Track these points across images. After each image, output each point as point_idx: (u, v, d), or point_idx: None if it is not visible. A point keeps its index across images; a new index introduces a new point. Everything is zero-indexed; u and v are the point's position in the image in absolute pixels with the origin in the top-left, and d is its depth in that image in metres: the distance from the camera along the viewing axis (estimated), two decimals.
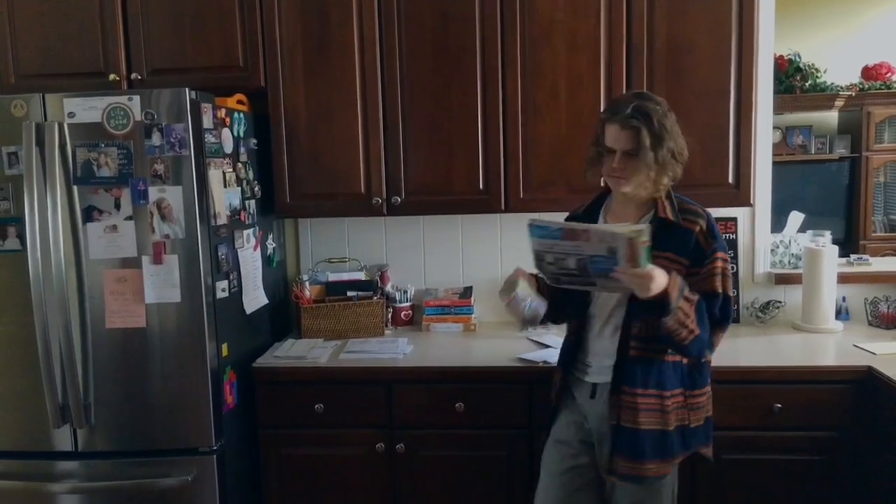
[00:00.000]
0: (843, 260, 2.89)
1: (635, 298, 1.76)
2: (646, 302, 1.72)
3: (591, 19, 2.49)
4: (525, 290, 1.88)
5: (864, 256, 3.02)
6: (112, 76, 2.62)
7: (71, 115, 2.16)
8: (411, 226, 2.99)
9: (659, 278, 1.67)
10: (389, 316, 2.92)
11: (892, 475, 2.12)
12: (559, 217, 2.03)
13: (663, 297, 1.69)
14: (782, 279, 2.83)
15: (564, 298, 1.94)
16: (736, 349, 2.43)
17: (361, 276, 2.92)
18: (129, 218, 2.18)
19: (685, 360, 1.89)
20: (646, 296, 1.68)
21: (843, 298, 2.81)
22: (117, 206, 2.18)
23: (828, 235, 2.72)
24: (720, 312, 1.84)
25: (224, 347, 2.33)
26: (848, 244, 5.38)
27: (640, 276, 1.65)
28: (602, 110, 1.93)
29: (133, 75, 2.63)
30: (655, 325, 1.75)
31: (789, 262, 2.89)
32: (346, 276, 2.91)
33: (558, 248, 1.71)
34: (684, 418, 1.89)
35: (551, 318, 2.02)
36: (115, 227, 2.19)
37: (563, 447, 1.98)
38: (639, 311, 1.82)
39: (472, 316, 2.87)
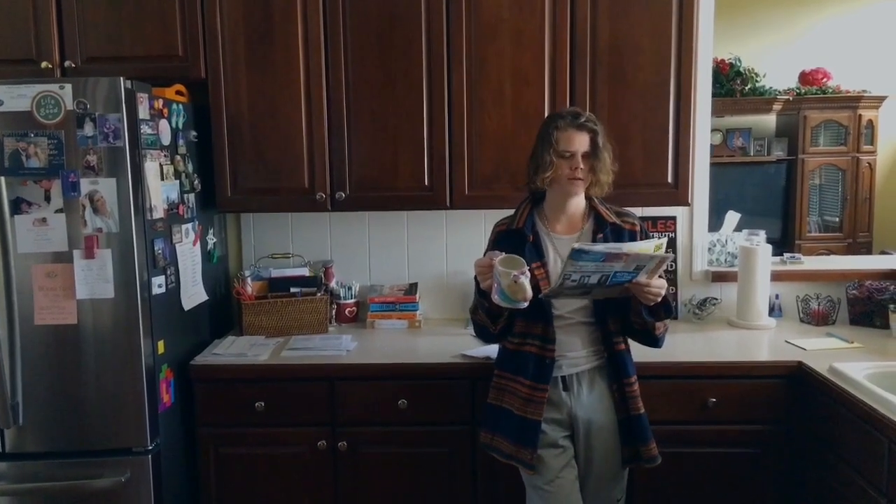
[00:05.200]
0: (777, 258, 2.98)
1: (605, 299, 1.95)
2: (622, 301, 1.93)
3: (535, 18, 2.51)
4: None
5: (797, 255, 3.12)
6: (44, 63, 2.53)
7: None
8: (356, 222, 2.97)
9: (664, 288, 1.84)
10: (333, 312, 2.89)
11: (821, 465, 2.20)
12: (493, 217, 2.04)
13: (663, 301, 1.88)
14: (718, 277, 2.91)
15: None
16: (673, 345, 2.47)
17: (305, 272, 2.88)
18: (60, 211, 2.11)
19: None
20: (653, 302, 1.85)
21: (777, 296, 2.90)
22: (47, 199, 2.10)
23: (762, 234, 2.80)
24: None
25: (160, 345, 2.27)
26: (784, 244, 5.57)
27: (659, 287, 1.82)
28: (550, 122, 1.99)
29: (67, 63, 2.54)
30: (637, 321, 1.94)
31: (725, 260, 2.97)
32: (289, 273, 2.87)
33: (591, 268, 1.73)
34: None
35: (505, 330, 2.02)
36: (44, 220, 2.11)
37: (552, 449, 1.99)
38: (613, 309, 1.98)
39: (417, 312, 2.87)
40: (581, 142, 1.93)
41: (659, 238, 1.84)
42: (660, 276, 1.83)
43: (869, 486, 1.92)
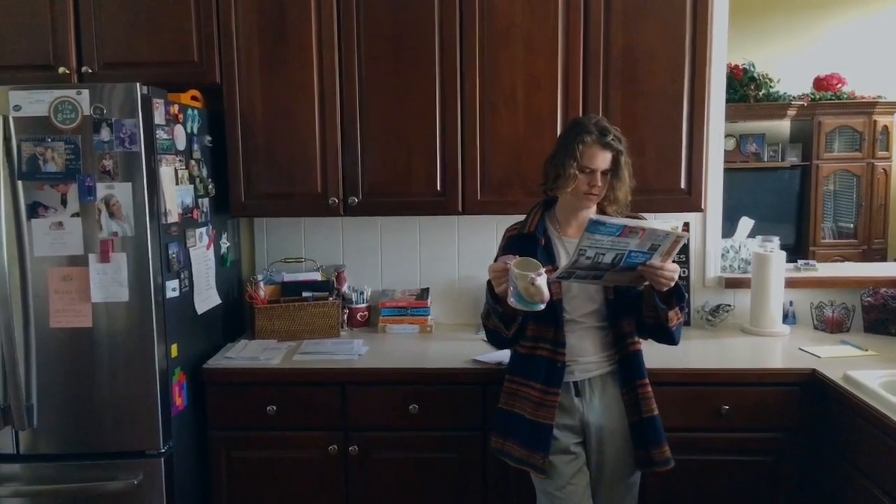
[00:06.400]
0: (791, 265, 2.96)
1: (618, 297, 1.96)
2: (633, 298, 1.95)
3: (549, 23, 2.52)
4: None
5: (811, 262, 3.10)
6: (62, 69, 2.56)
7: (17, 108, 2.10)
8: (368, 226, 2.98)
9: (677, 272, 1.84)
10: (345, 317, 2.90)
11: (835, 474, 2.18)
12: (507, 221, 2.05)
13: (675, 288, 1.87)
14: (732, 283, 2.89)
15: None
16: (686, 351, 2.46)
17: (317, 276, 2.89)
18: (76, 215, 2.13)
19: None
20: (666, 287, 1.84)
21: (791, 303, 2.88)
22: (63, 203, 2.12)
23: (776, 241, 2.78)
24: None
25: (174, 348, 2.28)
26: (798, 250, 5.53)
27: (672, 270, 1.81)
28: (576, 133, 1.96)
29: (84, 69, 2.57)
30: (650, 315, 1.93)
31: (739, 266, 2.95)
32: (301, 277, 2.88)
33: (607, 244, 1.73)
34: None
35: (517, 334, 2.01)
36: (60, 224, 2.13)
37: (564, 455, 1.99)
38: (626, 309, 1.98)
39: (429, 317, 2.87)
40: (604, 159, 1.93)
41: (675, 222, 1.84)
42: (673, 261, 1.83)
43: (884, 494, 1.90)
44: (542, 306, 1.78)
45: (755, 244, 2.84)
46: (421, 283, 3.00)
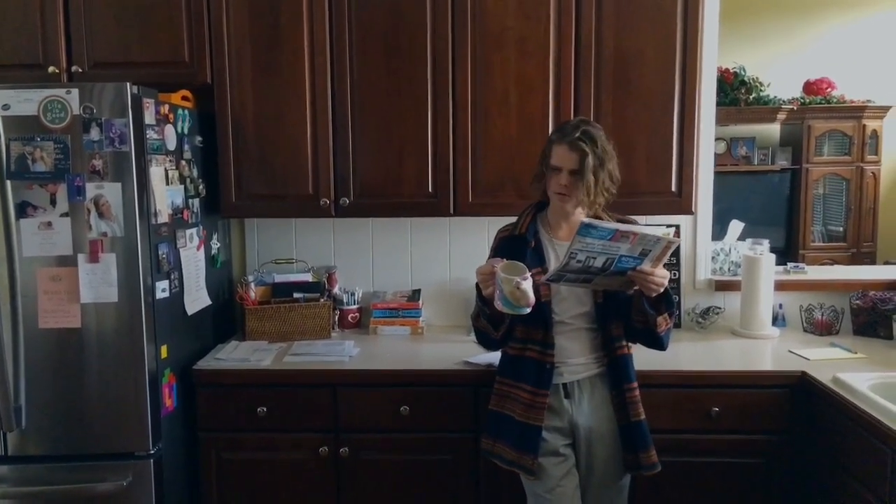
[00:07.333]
0: (781, 268, 2.98)
1: (607, 300, 1.96)
2: (623, 302, 1.94)
3: (541, 27, 2.52)
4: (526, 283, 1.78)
5: (801, 265, 3.11)
6: (51, 69, 2.55)
7: (5, 107, 2.09)
8: (360, 227, 2.97)
9: (667, 278, 1.85)
10: (336, 318, 2.90)
11: (824, 476, 2.19)
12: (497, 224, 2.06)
13: (664, 294, 1.88)
14: (722, 286, 2.90)
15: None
16: (676, 354, 2.47)
17: (308, 277, 2.89)
18: (65, 214, 2.11)
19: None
20: (655, 293, 1.84)
21: (780, 305, 2.89)
22: (52, 203, 2.11)
23: (766, 244, 2.79)
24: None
25: (163, 349, 2.27)
26: (788, 253, 5.56)
27: (662, 276, 1.83)
28: (553, 132, 2.02)
29: (74, 68, 2.56)
30: (639, 320, 1.92)
31: (729, 269, 2.97)
32: (292, 278, 2.88)
33: (598, 248, 1.73)
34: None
35: (506, 336, 2.02)
36: (49, 224, 2.12)
37: (553, 457, 1.99)
38: (615, 313, 1.98)
39: (420, 319, 2.87)
40: (569, 159, 1.91)
41: (666, 229, 1.84)
42: (663, 267, 1.84)
43: (872, 496, 1.91)
44: (528, 310, 1.79)
45: (745, 247, 2.85)
46: (412, 284, 3.00)
